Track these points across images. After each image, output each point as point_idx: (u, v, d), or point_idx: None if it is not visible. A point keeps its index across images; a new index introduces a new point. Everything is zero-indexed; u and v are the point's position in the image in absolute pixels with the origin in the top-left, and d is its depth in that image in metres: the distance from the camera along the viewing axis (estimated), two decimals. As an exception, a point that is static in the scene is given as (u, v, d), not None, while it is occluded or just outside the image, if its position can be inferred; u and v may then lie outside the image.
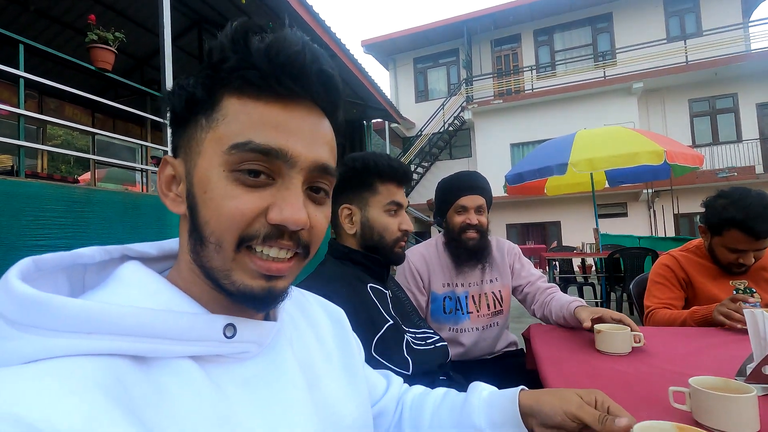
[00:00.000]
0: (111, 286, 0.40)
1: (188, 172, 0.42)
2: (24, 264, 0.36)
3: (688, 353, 1.05)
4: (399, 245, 1.10)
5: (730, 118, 11.36)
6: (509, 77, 13.37)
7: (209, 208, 0.40)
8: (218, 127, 0.40)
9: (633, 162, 3.99)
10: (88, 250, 0.42)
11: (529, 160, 4.82)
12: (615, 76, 11.57)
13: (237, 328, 0.41)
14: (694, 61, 11.04)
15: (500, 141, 12.67)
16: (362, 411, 0.55)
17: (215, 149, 0.40)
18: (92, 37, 3.22)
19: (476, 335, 1.51)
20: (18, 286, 0.33)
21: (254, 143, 0.39)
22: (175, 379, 0.36)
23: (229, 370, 0.41)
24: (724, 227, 1.43)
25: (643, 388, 0.83)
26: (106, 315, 0.34)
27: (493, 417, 0.58)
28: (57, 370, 0.31)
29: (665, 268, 1.63)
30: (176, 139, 0.44)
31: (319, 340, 0.56)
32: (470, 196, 1.51)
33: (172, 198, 0.44)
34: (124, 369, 0.34)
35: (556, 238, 12.15)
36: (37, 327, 0.32)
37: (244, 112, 0.40)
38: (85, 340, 0.33)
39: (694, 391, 0.68)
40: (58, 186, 2.49)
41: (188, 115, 0.42)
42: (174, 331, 0.37)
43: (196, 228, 0.41)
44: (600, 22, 12.64)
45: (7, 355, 0.32)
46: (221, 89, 0.41)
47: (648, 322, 1.57)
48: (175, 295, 0.41)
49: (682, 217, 11.07)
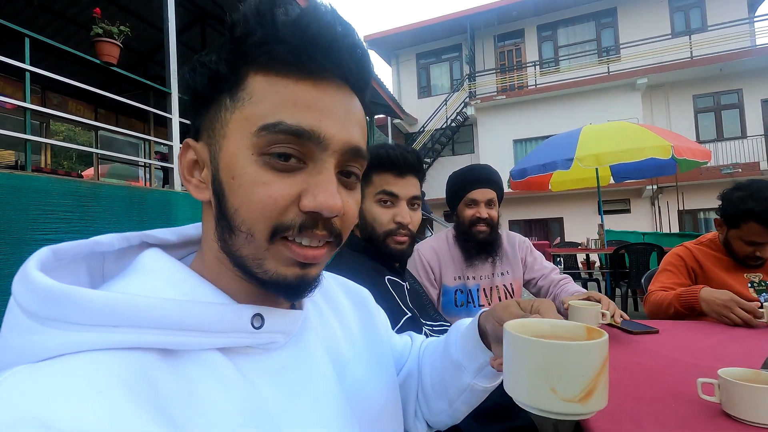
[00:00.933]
0: (133, 276, 0.38)
1: (213, 156, 0.39)
2: (43, 254, 0.35)
3: (710, 345, 1.04)
4: (393, 239, 1.03)
5: (734, 113, 11.30)
6: (512, 73, 13.30)
7: (238, 195, 0.37)
8: (245, 107, 0.37)
9: (639, 156, 3.97)
10: (107, 237, 0.41)
11: (533, 155, 4.80)
12: (619, 72, 11.50)
13: (264, 318, 0.40)
14: (699, 56, 10.97)
15: (503, 137, 12.63)
16: (391, 393, 0.55)
17: (242, 131, 0.37)
18: (97, 31, 3.20)
19: (490, 330, 1.51)
20: (39, 278, 0.31)
21: (285, 124, 0.36)
22: (203, 373, 0.35)
23: (257, 362, 0.39)
24: (741, 219, 1.42)
25: (666, 380, 0.82)
26: (131, 307, 0.32)
27: (466, 347, 0.56)
28: (82, 368, 0.30)
29: (677, 257, 1.63)
30: (198, 121, 0.41)
31: (343, 325, 0.55)
32: (481, 190, 1.50)
33: (195, 184, 0.41)
34: (151, 364, 0.32)
35: (558, 235, 12.14)
36: (60, 321, 0.31)
37: (272, 90, 0.37)
38: (110, 334, 0.31)
39: (723, 382, 0.67)
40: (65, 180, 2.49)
41: (211, 94, 0.39)
42: (202, 322, 0.35)
43: (224, 216, 0.38)
44: (604, 17, 12.55)
45: (29, 350, 0.31)
46: (246, 66, 0.38)
47: (645, 307, 1.58)
48: (200, 284, 0.39)
49: (686, 214, 11.03)
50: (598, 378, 0.37)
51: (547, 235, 12.59)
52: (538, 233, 12.82)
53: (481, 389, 0.57)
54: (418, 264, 1.55)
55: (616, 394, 0.77)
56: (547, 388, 0.38)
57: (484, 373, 0.56)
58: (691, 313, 1.39)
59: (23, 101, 2.72)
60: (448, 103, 13.41)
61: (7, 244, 1.46)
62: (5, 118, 5.60)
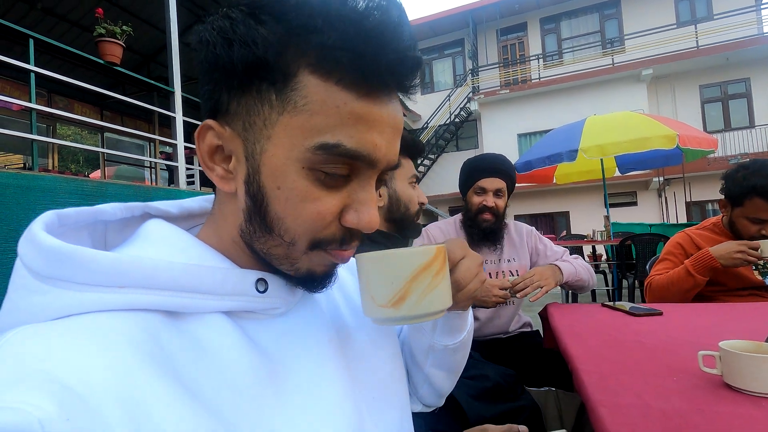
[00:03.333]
0: (138, 243, 0.38)
1: (251, 154, 0.36)
2: (48, 216, 0.35)
3: (712, 324, 1.03)
4: (419, 216, 1.14)
5: (742, 103, 11.15)
6: (516, 67, 13.23)
7: (285, 206, 0.36)
8: (298, 114, 0.34)
9: (644, 147, 3.92)
10: (109, 206, 0.41)
11: (538, 147, 4.76)
12: (623, 63, 11.40)
13: (268, 282, 0.40)
14: (705, 45, 10.83)
15: (507, 131, 12.56)
16: (394, 364, 0.54)
17: (294, 140, 0.34)
18: (100, 31, 3.23)
19: (491, 311, 1.51)
20: (45, 238, 0.32)
21: (344, 147, 0.34)
22: (210, 333, 0.35)
23: (262, 325, 0.40)
24: (745, 196, 1.42)
25: (668, 357, 0.82)
26: (138, 268, 0.33)
27: None
28: (88, 326, 0.30)
29: (676, 246, 1.62)
30: (224, 101, 0.37)
31: (345, 296, 0.55)
32: (491, 179, 1.52)
33: (220, 174, 0.38)
34: (158, 324, 0.33)
35: (564, 229, 12.07)
36: (66, 280, 0.31)
37: (332, 103, 0.34)
38: (117, 295, 0.32)
39: (724, 353, 0.67)
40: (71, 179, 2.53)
41: (249, 78, 0.34)
42: (207, 285, 0.36)
43: (262, 218, 0.37)
44: (608, 8, 12.43)
45: (36, 310, 0.31)
46: (298, 60, 0.33)
47: (649, 295, 1.56)
48: (205, 250, 0.40)
49: (694, 205, 10.92)
50: (411, 284, 0.39)
51: (554, 229, 12.52)
52: (544, 228, 12.76)
53: (441, 347, 0.58)
54: (427, 241, 1.58)
55: (617, 369, 0.77)
56: (368, 296, 0.40)
57: (439, 330, 0.57)
58: (710, 277, 1.41)
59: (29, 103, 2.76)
60: (451, 98, 13.36)
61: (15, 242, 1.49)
62: (12, 122, 5.67)
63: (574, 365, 0.81)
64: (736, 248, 1.33)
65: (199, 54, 0.38)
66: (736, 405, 0.60)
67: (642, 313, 1.17)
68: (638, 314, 1.17)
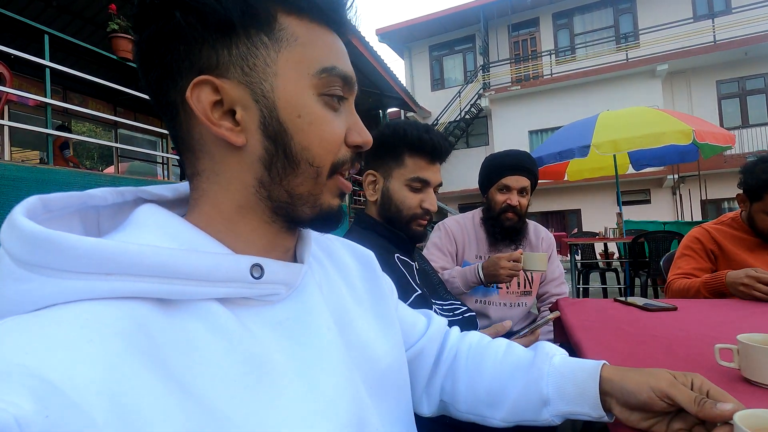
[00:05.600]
0: (128, 228, 0.37)
1: (260, 94, 0.37)
2: (30, 202, 0.33)
3: (730, 320, 1.01)
4: (417, 223, 1.05)
5: (761, 99, 10.88)
6: (527, 62, 13.08)
7: (308, 133, 0.39)
8: (294, 49, 0.38)
9: (659, 142, 3.84)
10: (99, 190, 0.40)
11: (549, 143, 4.70)
12: (638, 59, 11.19)
13: (264, 268, 0.39)
14: (723, 40, 10.57)
15: (518, 128, 12.44)
16: (396, 354, 0.54)
17: (300, 71, 0.38)
18: (113, 27, 3.27)
19: (503, 311, 1.50)
20: (24, 223, 0.30)
21: (339, 69, 0.40)
22: (202, 323, 0.34)
23: (258, 313, 0.39)
24: (764, 190, 1.38)
25: (683, 351, 0.80)
26: (124, 254, 0.31)
27: (565, 389, 0.52)
28: (72, 317, 0.29)
29: (694, 240, 1.58)
30: (208, 55, 0.37)
31: (348, 283, 0.54)
32: (516, 177, 1.49)
33: (228, 128, 0.38)
34: (147, 314, 0.31)
35: (576, 226, 11.94)
36: (49, 268, 0.29)
37: (316, 37, 0.39)
38: (103, 282, 0.30)
39: (743, 347, 0.65)
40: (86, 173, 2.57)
41: (238, 27, 0.36)
42: (199, 271, 0.34)
43: (288, 155, 0.39)
44: (622, 2, 12.21)
45: (18, 298, 0.30)
46: (274, 5, 0.38)
47: (667, 295, 1.54)
48: (198, 235, 0.38)
49: (709, 203, 10.71)
50: None
51: (565, 227, 12.39)
52: (555, 225, 12.64)
53: (543, 420, 0.55)
54: (443, 233, 1.57)
55: (629, 363, 0.75)
56: None
57: (567, 416, 0.54)
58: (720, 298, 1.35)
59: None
60: (461, 95, 13.28)
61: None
62: (29, 118, 5.78)
63: (586, 357, 0.80)
64: (743, 281, 1.24)
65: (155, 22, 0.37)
66: (755, 400, 0.58)
67: (656, 308, 1.15)
68: (652, 309, 1.14)
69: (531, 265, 1.33)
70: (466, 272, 1.40)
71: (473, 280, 1.38)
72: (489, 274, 1.34)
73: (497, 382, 0.59)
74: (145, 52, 0.38)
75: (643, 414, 0.48)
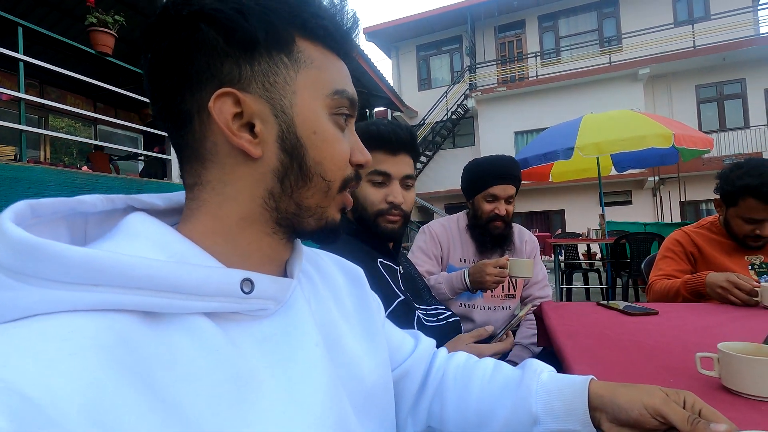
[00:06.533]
0: (117, 238, 0.36)
1: (280, 109, 0.40)
2: (18, 207, 0.32)
3: (710, 325, 1.02)
4: (386, 219, 1.01)
5: (737, 104, 11.20)
6: (513, 64, 13.20)
7: (322, 149, 0.41)
8: (310, 70, 0.41)
9: (640, 145, 3.92)
10: (90, 197, 0.39)
11: (534, 145, 4.74)
12: (621, 62, 11.40)
13: (254, 283, 0.38)
14: (702, 45, 10.85)
15: (504, 129, 12.55)
16: (382, 372, 0.53)
17: (315, 91, 0.41)
18: (91, 20, 3.18)
19: (487, 314, 1.50)
20: (11, 230, 0.29)
21: (347, 92, 0.44)
22: (188, 338, 0.33)
23: (246, 328, 0.38)
24: (739, 196, 1.40)
25: (665, 358, 0.80)
26: (113, 265, 0.30)
27: (554, 407, 0.51)
28: (54, 330, 0.28)
29: (675, 243, 1.61)
30: (230, 70, 0.38)
31: (337, 299, 0.53)
32: (503, 186, 1.49)
33: (248, 140, 0.39)
34: (132, 327, 0.31)
35: (560, 227, 12.11)
36: (35, 276, 0.29)
37: (329, 62, 0.43)
38: (89, 293, 0.29)
39: (723, 356, 0.65)
40: (61, 171, 2.47)
41: (260, 47, 0.39)
42: (188, 284, 0.34)
43: (302, 168, 0.41)
44: (606, 6, 12.42)
45: (1, 307, 0.29)
46: (294, 30, 0.40)
47: (649, 296, 1.56)
48: (189, 247, 0.38)
49: (688, 205, 10.98)
50: None
51: (549, 227, 12.56)
52: (539, 225, 12.80)
53: None
54: (428, 236, 1.56)
55: (614, 372, 0.75)
56: None
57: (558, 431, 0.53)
58: (698, 299, 1.37)
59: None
60: (448, 95, 13.33)
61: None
62: (3, 113, 5.59)
63: (569, 365, 0.80)
64: (722, 285, 1.26)
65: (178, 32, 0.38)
66: (735, 409, 0.59)
67: (637, 312, 1.16)
68: (633, 313, 1.15)
69: (517, 271, 1.32)
70: (453, 278, 1.39)
71: (459, 286, 1.37)
72: (475, 281, 1.33)
73: (486, 403, 0.57)
74: (161, 61, 0.39)
75: (632, 431, 0.48)
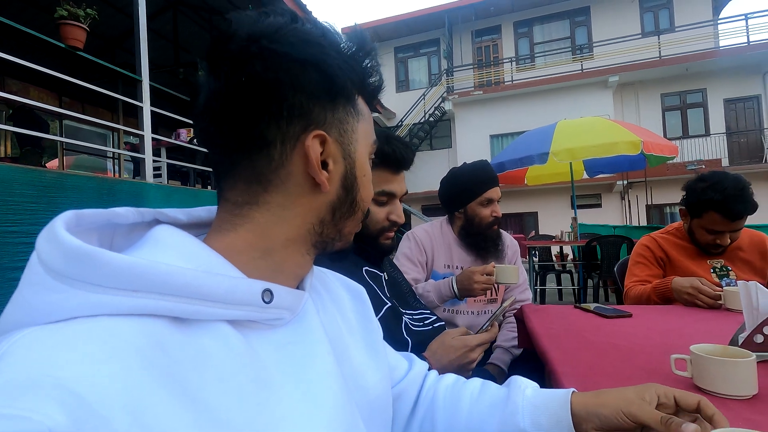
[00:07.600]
0: (146, 247, 0.38)
1: (347, 153, 0.46)
2: (67, 216, 0.35)
3: (680, 327, 1.08)
4: (385, 236, 1.04)
5: (699, 112, 11.78)
6: (489, 68, 13.45)
7: (367, 188, 0.49)
8: (363, 121, 0.48)
9: (611, 152, 4.09)
10: (123, 210, 0.41)
11: (511, 149, 4.87)
12: (592, 70, 11.81)
13: (274, 293, 0.40)
14: (667, 56, 11.37)
15: (480, 132, 12.78)
16: (385, 386, 0.55)
17: (366, 139, 0.48)
18: (62, 13, 3.04)
19: (471, 319, 1.53)
20: (66, 237, 0.32)
21: (376, 139, 0.52)
22: (214, 341, 0.35)
23: (263, 336, 0.40)
24: (703, 209, 1.49)
25: (640, 359, 0.85)
26: (154, 273, 0.33)
27: (540, 421, 0.54)
28: (96, 333, 0.30)
29: (645, 248, 1.69)
30: (317, 114, 0.43)
31: (342, 314, 0.56)
32: (495, 188, 1.55)
33: (326, 177, 0.44)
34: (165, 331, 0.33)
35: (533, 228, 12.42)
36: (82, 281, 0.31)
37: (368, 115, 0.50)
38: (128, 298, 0.32)
39: (695, 357, 0.70)
40: (29, 170, 2.37)
41: (340, 97, 0.44)
42: (217, 293, 0.36)
43: (352, 203, 0.47)
44: (578, 15, 12.84)
45: (47, 308, 0.31)
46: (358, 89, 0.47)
47: (626, 301, 1.63)
48: (214, 258, 0.40)
49: (653, 208, 11.47)
50: None
51: (522, 229, 12.85)
52: (513, 227, 13.08)
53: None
54: (413, 243, 1.58)
55: (591, 373, 0.79)
56: None
57: None
58: (666, 303, 1.45)
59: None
60: (426, 97, 13.45)
61: (-36, 234, 1.38)
62: (-40, 106, 5.28)
63: (553, 367, 0.83)
64: (688, 290, 1.34)
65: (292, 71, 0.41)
66: (707, 407, 0.63)
67: (612, 315, 1.21)
68: (609, 316, 1.21)
69: (503, 278, 1.35)
70: (440, 286, 1.41)
71: (448, 294, 1.39)
72: (463, 288, 1.36)
73: (476, 421, 0.59)
74: (257, 89, 0.41)
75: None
